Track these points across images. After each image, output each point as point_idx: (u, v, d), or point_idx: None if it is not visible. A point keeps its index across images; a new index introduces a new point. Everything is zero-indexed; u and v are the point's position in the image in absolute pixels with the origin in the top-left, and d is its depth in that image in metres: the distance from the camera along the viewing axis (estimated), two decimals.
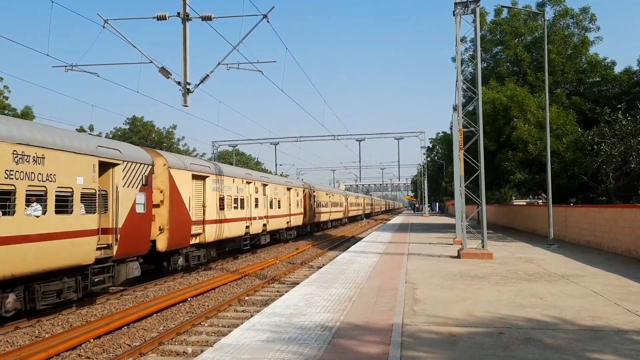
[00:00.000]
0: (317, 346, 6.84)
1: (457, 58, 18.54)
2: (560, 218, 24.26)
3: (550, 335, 7.28)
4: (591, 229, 20.91)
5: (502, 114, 26.73)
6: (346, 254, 19.10)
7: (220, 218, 20.77)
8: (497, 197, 56.59)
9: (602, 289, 10.93)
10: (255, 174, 27.58)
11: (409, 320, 8.28)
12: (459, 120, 18.08)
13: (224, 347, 6.89)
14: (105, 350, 9.33)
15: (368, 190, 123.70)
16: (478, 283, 11.96)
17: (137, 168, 14.52)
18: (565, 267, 14.73)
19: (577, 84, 29.95)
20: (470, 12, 17.54)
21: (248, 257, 24.40)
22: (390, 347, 6.76)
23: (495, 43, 31.73)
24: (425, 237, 27.37)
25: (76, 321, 11.56)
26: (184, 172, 17.89)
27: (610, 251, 18.64)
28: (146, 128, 54.86)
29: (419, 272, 13.83)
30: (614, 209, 19.27)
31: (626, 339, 7.08)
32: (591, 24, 29.24)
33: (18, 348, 9.33)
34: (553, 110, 25.49)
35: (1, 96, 36.65)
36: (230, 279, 17.18)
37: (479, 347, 6.75)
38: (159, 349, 9.47)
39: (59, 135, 11.62)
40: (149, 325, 11.23)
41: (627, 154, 22.98)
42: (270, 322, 8.29)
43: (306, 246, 29.64)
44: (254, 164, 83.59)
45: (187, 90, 15.78)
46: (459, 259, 16.81)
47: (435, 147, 76.40)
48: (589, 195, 30.04)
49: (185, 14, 15.57)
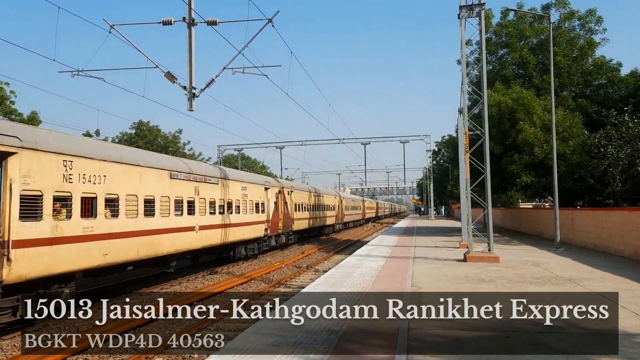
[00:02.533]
0: (323, 350, 6.83)
1: (462, 61, 18.53)
2: (567, 221, 24.15)
3: (557, 339, 7.24)
4: (598, 232, 20.79)
5: (508, 116, 26.67)
6: (352, 258, 19.07)
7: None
8: (503, 200, 56.38)
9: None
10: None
11: (415, 324, 8.25)
12: (465, 123, 18.05)
13: (230, 350, 6.90)
14: (111, 354, 9.34)
15: (374, 193, 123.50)
16: (484, 287, 11.90)
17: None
18: (572, 270, 14.65)
19: (583, 86, 29.86)
20: (475, 15, 17.54)
21: (253, 262, 24.42)
22: (397, 350, 6.74)
23: (500, 45, 31.69)
24: (431, 240, 27.29)
25: (83, 325, 11.59)
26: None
27: (617, 254, 18.53)
28: (152, 132, 55.11)
29: (425, 276, 13.79)
30: (621, 212, 19.17)
31: (634, 342, 7.04)
32: (597, 25, 29.19)
33: (25, 352, 9.34)
34: (559, 112, 25.41)
35: (8, 101, 36.93)
36: (236, 283, 17.19)
37: (485, 350, 6.72)
38: (165, 352, 9.47)
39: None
40: (155, 329, 11.24)
41: (634, 157, 22.87)
42: (276, 325, 8.28)
43: (312, 250, 29.63)
44: (259, 168, 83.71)
45: (193, 95, 15.85)
46: (465, 262, 16.75)
47: (441, 150, 76.27)
48: (596, 198, 29.88)
49: (191, 18, 15.66)
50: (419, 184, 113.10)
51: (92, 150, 12.95)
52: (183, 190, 17.48)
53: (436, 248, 22.39)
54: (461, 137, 19.80)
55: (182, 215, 17.24)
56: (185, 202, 17.62)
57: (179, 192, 17.21)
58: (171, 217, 16.41)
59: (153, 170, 15.60)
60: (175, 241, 16.64)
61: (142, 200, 14.67)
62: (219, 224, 20.18)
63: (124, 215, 13.77)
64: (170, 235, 16.34)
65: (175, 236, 16.68)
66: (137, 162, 14.80)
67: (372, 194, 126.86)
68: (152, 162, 15.88)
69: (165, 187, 16.21)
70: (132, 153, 15.77)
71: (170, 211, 16.43)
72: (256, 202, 24.82)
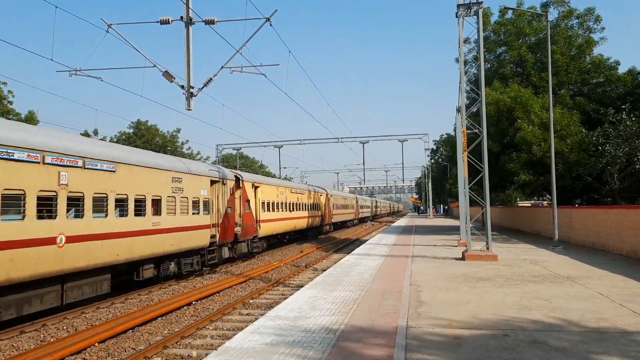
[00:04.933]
0: (321, 349, 6.83)
1: (460, 60, 18.52)
2: (565, 219, 24.17)
3: (556, 337, 7.25)
4: (596, 230, 20.81)
5: (506, 115, 26.69)
6: (350, 257, 19.08)
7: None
8: (502, 198, 56.45)
9: (607, 291, 10.87)
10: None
11: (414, 323, 8.26)
12: (463, 122, 18.05)
13: (229, 350, 6.89)
14: (110, 354, 9.35)
15: (372, 192, 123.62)
16: (483, 285, 11.92)
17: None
18: (570, 268, 14.67)
19: (581, 84, 29.89)
20: (473, 14, 17.53)
21: (252, 261, 24.39)
22: (395, 349, 6.74)
23: (499, 44, 31.70)
24: (430, 239, 27.30)
25: (81, 325, 11.59)
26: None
27: (615, 252, 18.55)
28: (150, 132, 55.08)
29: (424, 275, 13.80)
30: (619, 210, 19.19)
31: (632, 340, 7.04)
32: (596, 24, 29.19)
33: (23, 352, 9.35)
34: (557, 111, 25.43)
35: (5, 101, 36.87)
36: (235, 282, 17.18)
37: (483, 349, 6.73)
38: (164, 352, 9.47)
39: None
40: (154, 329, 11.25)
41: (632, 155, 22.90)
42: (274, 325, 8.29)
43: (311, 249, 29.62)
44: (258, 167, 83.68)
45: (191, 94, 15.84)
46: (463, 261, 16.76)
47: (439, 149, 76.28)
48: (594, 197, 29.91)
49: (189, 18, 15.64)
50: (417, 182, 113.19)
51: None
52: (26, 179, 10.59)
53: (435, 247, 22.40)
54: (459, 136, 19.80)
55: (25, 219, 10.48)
56: (33, 198, 10.73)
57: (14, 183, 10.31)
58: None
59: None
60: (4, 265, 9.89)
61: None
62: (112, 233, 13.38)
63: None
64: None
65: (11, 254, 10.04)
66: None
67: (371, 192, 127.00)
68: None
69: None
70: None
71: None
72: (195, 200, 18.31)
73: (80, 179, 12.27)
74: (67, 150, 11.89)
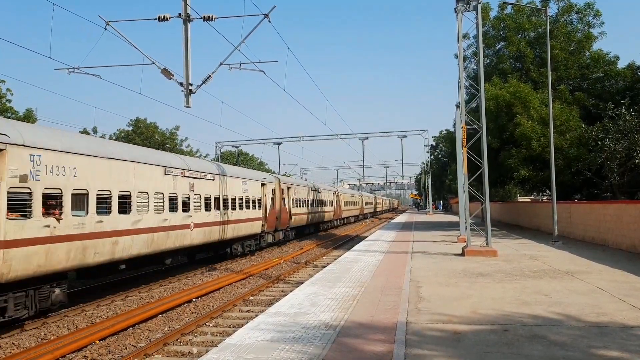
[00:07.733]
0: (321, 345, 6.84)
1: (459, 55, 18.49)
2: (564, 215, 24.18)
3: (555, 332, 7.26)
4: (596, 225, 20.83)
5: (505, 110, 26.63)
6: (350, 253, 19.09)
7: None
8: (502, 194, 56.42)
9: (607, 285, 10.89)
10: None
11: (414, 319, 8.27)
12: (462, 117, 18.03)
13: (229, 347, 6.90)
14: (110, 352, 9.36)
15: (372, 189, 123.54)
16: (482, 280, 11.93)
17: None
18: (570, 263, 14.68)
19: (580, 79, 29.81)
20: (472, 9, 17.49)
21: (252, 258, 24.41)
22: (395, 345, 6.75)
23: (498, 39, 31.61)
24: (430, 235, 27.32)
25: (81, 322, 11.60)
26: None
27: (615, 247, 18.57)
28: (149, 129, 54.98)
29: (423, 270, 13.81)
30: (618, 205, 19.19)
31: (632, 334, 7.05)
32: (595, 19, 29.10)
33: (24, 350, 9.36)
34: (556, 106, 25.38)
35: (4, 99, 36.79)
36: (235, 279, 17.20)
37: (483, 344, 6.74)
38: (164, 349, 9.48)
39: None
40: (154, 326, 11.26)
41: (631, 150, 22.88)
42: (274, 321, 8.30)
43: (310, 246, 29.64)
44: (257, 164, 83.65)
45: (190, 91, 15.81)
46: (463, 256, 16.78)
47: (439, 145, 76.27)
48: (593, 192, 29.93)
49: (187, 14, 15.60)
50: (417, 178, 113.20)
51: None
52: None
53: (434, 243, 22.42)
54: (459, 132, 19.79)
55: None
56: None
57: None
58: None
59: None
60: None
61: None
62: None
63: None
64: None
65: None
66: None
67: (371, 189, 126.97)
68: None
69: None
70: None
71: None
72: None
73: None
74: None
